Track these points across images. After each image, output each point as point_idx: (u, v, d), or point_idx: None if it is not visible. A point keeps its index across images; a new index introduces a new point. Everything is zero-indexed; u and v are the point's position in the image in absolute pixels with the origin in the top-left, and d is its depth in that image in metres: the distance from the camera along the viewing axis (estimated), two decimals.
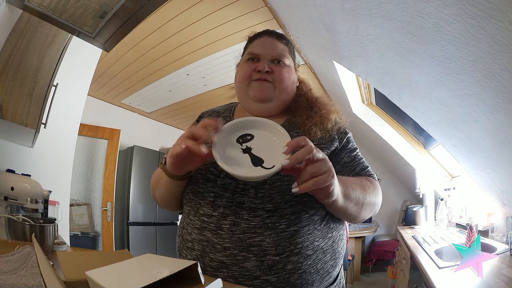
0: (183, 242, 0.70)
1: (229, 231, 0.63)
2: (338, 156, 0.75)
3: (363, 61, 1.80)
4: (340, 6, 1.40)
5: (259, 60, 0.78)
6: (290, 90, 0.80)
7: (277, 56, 0.78)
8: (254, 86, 0.76)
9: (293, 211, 0.64)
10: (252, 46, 0.82)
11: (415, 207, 2.99)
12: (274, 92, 0.76)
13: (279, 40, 0.81)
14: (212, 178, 0.69)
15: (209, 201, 0.67)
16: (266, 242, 0.61)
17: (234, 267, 0.61)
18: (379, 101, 3.14)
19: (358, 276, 3.61)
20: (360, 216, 0.70)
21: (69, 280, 0.45)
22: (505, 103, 1.07)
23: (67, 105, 2.08)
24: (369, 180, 0.74)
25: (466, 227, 2.01)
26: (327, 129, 0.75)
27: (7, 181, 1.35)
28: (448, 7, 0.90)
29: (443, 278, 1.23)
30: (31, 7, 1.28)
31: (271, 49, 0.79)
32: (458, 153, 1.75)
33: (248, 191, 0.66)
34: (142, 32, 2.38)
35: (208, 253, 0.64)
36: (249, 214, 0.63)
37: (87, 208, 3.39)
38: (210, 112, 0.87)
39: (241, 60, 0.84)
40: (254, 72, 0.76)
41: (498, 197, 1.65)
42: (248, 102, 0.78)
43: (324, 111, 0.77)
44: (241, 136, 0.60)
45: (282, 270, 0.61)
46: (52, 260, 0.83)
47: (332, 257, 0.67)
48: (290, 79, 0.79)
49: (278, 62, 0.78)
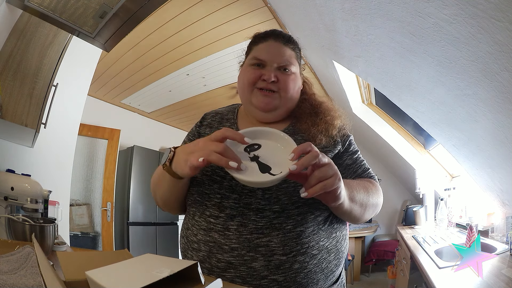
0: (188, 243, 0.69)
1: (236, 231, 0.63)
2: (340, 159, 0.76)
3: (363, 61, 1.80)
4: (340, 6, 1.40)
5: (265, 66, 0.75)
6: (295, 97, 0.78)
7: (283, 63, 0.75)
8: (258, 96, 0.74)
9: (299, 212, 0.65)
10: (257, 50, 0.78)
11: (415, 207, 2.99)
12: (279, 102, 0.75)
13: (286, 45, 0.77)
14: (219, 179, 0.69)
15: (216, 202, 0.67)
16: (274, 242, 0.62)
17: (242, 267, 0.62)
18: (379, 101, 3.14)
19: (358, 276, 3.61)
20: (363, 218, 0.72)
21: (69, 280, 0.45)
22: (505, 103, 1.07)
23: (67, 105, 2.08)
24: (371, 182, 0.75)
25: (466, 227, 2.01)
26: (332, 135, 0.74)
27: (7, 181, 1.35)
28: (448, 7, 0.90)
29: (443, 278, 1.23)
30: (31, 7, 1.28)
31: (278, 56, 0.75)
32: (458, 153, 1.75)
33: (255, 192, 0.66)
34: (142, 32, 2.38)
35: (215, 254, 0.64)
36: (256, 215, 0.64)
37: (87, 208, 3.39)
38: (213, 113, 0.86)
39: (245, 62, 0.82)
40: (259, 79, 0.74)
41: (498, 197, 1.65)
42: (251, 109, 0.77)
43: (329, 117, 0.76)
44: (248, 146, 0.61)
45: (289, 270, 0.62)
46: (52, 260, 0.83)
47: (336, 256, 0.68)
48: (295, 88, 0.77)
49: (284, 70, 0.75)
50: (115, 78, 3.21)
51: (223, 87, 3.39)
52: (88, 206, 3.41)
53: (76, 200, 3.34)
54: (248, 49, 0.82)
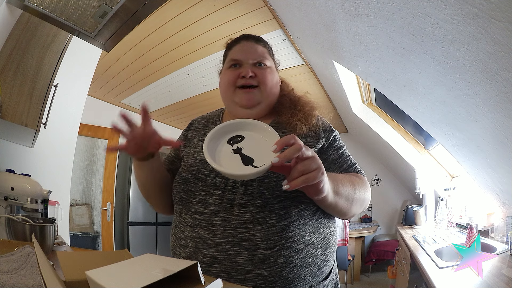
0: (176, 240, 0.71)
1: (220, 227, 0.64)
2: (325, 154, 0.77)
3: (363, 61, 1.80)
4: (340, 6, 1.40)
5: (241, 65, 0.80)
6: (275, 91, 0.82)
7: (258, 59, 0.80)
8: (240, 94, 0.78)
9: (282, 206, 0.65)
10: (232, 53, 0.83)
11: (415, 207, 2.99)
12: (260, 96, 0.79)
13: (257, 43, 0.84)
14: (203, 177, 0.71)
15: (200, 199, 0.69)
16: (257, 236, 0.63)
17: (227, 261, 0.63)
18: (379, 101, 3.15)
19: (358, 276, 3.61)
20: (350, 212, 0.72)
21: (69, 280, 0.45)
22: (505, 103, 1.07)
23: (67, 105, 2.08)
24: (358, 176, 0.76)
25: (466, 227, 2.01)
26: (312, 124, 0.78)
27: (7, 181, 1.35)
28: (448, 7, 0.90)
29: (443, 278, 1.23)
30: (31, 7, 1.28)
31: (252, 53, 0.80)
32: (458, 153, 1.75)
33: (238, 188, 0.67)
34: (142, 32, 2.38)
35: (200, 249, 0.65)
36: (239, 210, 0.65)
37: (87, 208, 3.39)
38: (200, 118, 0.90)
39: (222, 68, 0.87)
40: (238, 78, 0.78)
41: (498, 197, 1.65)
42: (235, 108, 0.81)
43: (307, 108, 0.80)
44: (231, 137, 0.62)
45: (274, 264, 0.62)
46: (52, 260, 0.83)
47: (323, 252, 0.68)
48: (273, 80, 0.81)
49: (259, 65, 0.80)
50: (115, 78, 3.21)
51: None
52: (88, 206, 3.41)
53: (76, 200, 3.34)
54: (224, 56, 0.88)
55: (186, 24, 2.33)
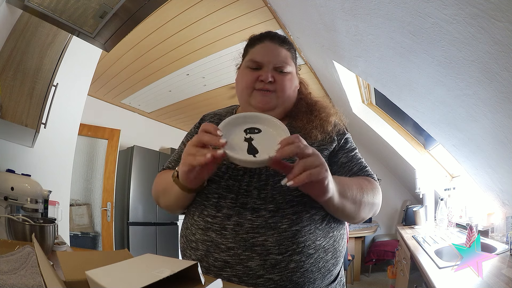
0: (187, 243, 0.70)
1: (232, 231, 0.64)
2: (335, 157, 0.76)
3: (363, 61, 1.80)
4: (340, 6, 1.40)
5: (262, 68, 0.77)
6: (292, 97, 0.81)
7: (280, 64, 0.77)
8: (256, 97, 0.76)
9: (294, 211, 0.65)
10: (253, 52, 0.80)
11: (415, 207, 2.99)
12: (276, 101, 0.77)
13: (281, 45, 0.80)
14: (217, 179, 0.70)
15: (213, 202, 0.68)
16: (269, 241, 0.62)
17: (238, 266, 0.62)
18: (379, 101, 3.14)
19: (358, 276, 3.61)
20: (359, 216, 0.71)
21: (69, 280, 0.45)
22: (505, 103, 1.07)
23: (67, 105, 2.08)
24: (367, 180, 0.74)
25: (466, 227, 2.01)
26: (327, 131, 0.76)
27: (7, 181, 1.35)
28: (448, 7, 0.90)
29: (443, 278, 1.22)
30: (31, 7, 1.28)
31: (274, 57, 0.77)
32: (458, 153, 1.75)
33: (251, 192, 0.67)
34: (142, 32, 2.38)
35: (212, 253, 0.65)
36: (252, 214, 0.64)
37: (87, 208, 3.39)
38: (212, 114, 0.88)
39: (242, 64, 0.84)
40: (256, 81, 0.76)
41: (498, 197, 1.65)
42: (250, 110, 0.79)
43: (323, 114, 0.78)
44: (250, 128, 0.63)
45: (285, 269, 0.62)
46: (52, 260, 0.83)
47: (333, 255, 0.68)
48: (292, 87, 0.79)
49: (280, 71, 0.77)
50: (115, 78, 3.21)
51: (223, 87, 3.38)
52: (88, 206, 3.41)
53: (76, 200, 3.34)
54: (245, 51, 0.85)
55: (186, 24, 2.33)
